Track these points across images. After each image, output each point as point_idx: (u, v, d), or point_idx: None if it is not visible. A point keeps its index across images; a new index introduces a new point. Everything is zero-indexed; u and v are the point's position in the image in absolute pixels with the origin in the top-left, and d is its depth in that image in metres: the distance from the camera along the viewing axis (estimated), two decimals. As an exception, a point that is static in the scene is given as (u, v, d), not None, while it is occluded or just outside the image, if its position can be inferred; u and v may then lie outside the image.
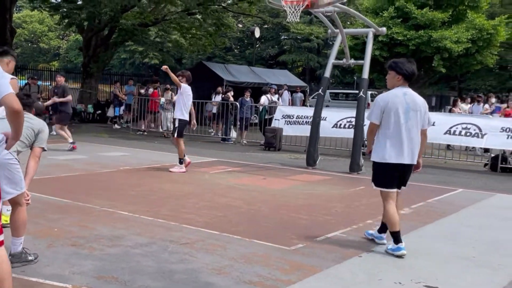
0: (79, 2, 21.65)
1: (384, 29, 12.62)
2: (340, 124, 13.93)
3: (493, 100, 18.01)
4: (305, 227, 6.37)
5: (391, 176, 5.38)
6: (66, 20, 22.33)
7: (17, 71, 23.67)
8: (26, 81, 19.46)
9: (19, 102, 3.08)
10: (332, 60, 12.25)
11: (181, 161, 10.27)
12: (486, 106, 17.46)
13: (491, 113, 16.32)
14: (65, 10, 21.50)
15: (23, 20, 58.90)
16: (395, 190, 5.42)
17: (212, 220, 6.44)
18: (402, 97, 5.34)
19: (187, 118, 10.37)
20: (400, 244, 5.29)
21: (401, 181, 5.48)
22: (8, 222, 4.63)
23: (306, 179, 10.17)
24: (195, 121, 10.98)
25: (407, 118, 5.27)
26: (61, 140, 14.35)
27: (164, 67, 10.15)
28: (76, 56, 52.41)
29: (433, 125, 12.89)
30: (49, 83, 22.32)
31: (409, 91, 5.42)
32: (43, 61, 57.04)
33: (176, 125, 10.29)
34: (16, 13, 56.24)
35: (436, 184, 10.20)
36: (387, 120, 5.30)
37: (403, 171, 5.41)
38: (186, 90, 10.29)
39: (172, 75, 10.10)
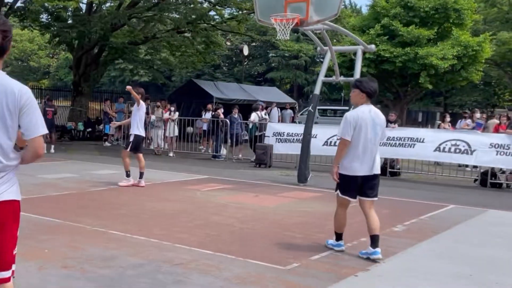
0: (69, 21, 21.61)
1: (373, 46, 12.70)
2: (331, 142, 13.89)
3: (478, 115, 18.14)
4: (300, 245, 6.30)
5: (354, 186, 5.95)
6: (57, 39, 22.27)
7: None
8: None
9: (43, 148, 2.99)
10: (321, 77, 12.29)
11: (128, 174, 10.44)
12: (468, 121, 17.54)
13: (472, 129, 16.42)
14: (55, 29, 21.44)
15: (14, 39, 58.65)
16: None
17: (205, 240, 6.35)
18: (368, 114, 5.74)
19: (143, 134, 10.79)
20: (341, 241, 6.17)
21: (361, 190, 6.00)
22: None
23: (298, 196, 10.11)
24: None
25: (374, 133, 5.73)
26: (55, 159, 14.23)
27: (128, 87, 10.47)
28: (66, 74, 52.24)
29: (423, 142, 12.99)
30: (39, 101, 22.15)
31: (373, 108, 5.83)
32: (33, 79, 56.74)
33: (131, 139, 10.51)
34: (7, 32, 56.05)
35: (427, 200, 10.16)
36: (357, 136, 5.69)
37: (366, 181, 5.94)
38: (143, 107, 10.62)
39: (134, 93, 10.36)
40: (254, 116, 16.98)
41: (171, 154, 17.28)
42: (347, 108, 14.58)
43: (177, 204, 8.70)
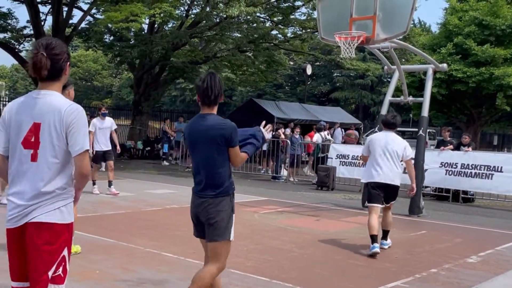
0: (132, 41, 22.10)
1: (445, 65, 12.03)
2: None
3: None
4: (363, 275, 5.90)
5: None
6: (118, 59, 22.83)
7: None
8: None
9: (88, 165, 3.03)
10: (389, 97, 11.79)
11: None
12: None
13: None
14: (117, 48, 21.99)
15: (78, 59, 61.25)
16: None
17: (261, 265, 6.03)
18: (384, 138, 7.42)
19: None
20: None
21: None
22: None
23: (362, 221, 9.57)
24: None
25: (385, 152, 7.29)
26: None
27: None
28: (128, 94, 53.84)
29: (501, 171, 12.07)
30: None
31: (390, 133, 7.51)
32: (96, 98, 58.85)
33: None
34: (72, 52, 58.67)
35: (504, 229, 9.46)
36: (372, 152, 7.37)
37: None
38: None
39: None
40: (317, 137, 16.54)
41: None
42: (415, 129, 13.85)
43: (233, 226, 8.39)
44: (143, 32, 22.01)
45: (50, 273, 2.91)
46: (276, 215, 9.75)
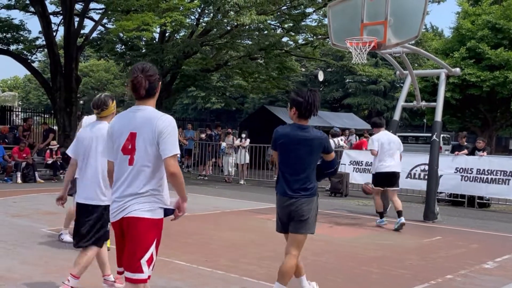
0: (143, 50, 22.22)
1: (458, 69, 11.91)
2: (414, 174, 13.05)
3: None
4: (377, 282, 5.82)
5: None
6: (130, 68, 22.95)
7: (83, 117, 24.39)
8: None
9: (175, 165, 3.43)
10: (401, 103, 11.70)
11: None
12: None
13: None
14: (128, 58, 22.12)
15: (90, 69, 61.73)
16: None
17: (274, 272, 5.90)
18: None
19: None
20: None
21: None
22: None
23: (376, 228, 9.51)
24: None
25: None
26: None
27: None
28: (140, 103, 54.12)
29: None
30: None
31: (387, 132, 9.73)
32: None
33: None
34: (84, 62, 59.12)
35: (522, 235, 9.28)
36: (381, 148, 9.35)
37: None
38: None
39: None
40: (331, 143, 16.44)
41: (242, 182, 17.08)
42: (429, 134, 13.72)
43: (246, 234, 8.37)
44: (154, 41, 22.13)
45: (142, 261, 3.43)
46: (289, 222, 9.67)
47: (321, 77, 27.64)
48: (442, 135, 22.00)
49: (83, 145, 4.82)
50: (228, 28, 20.50)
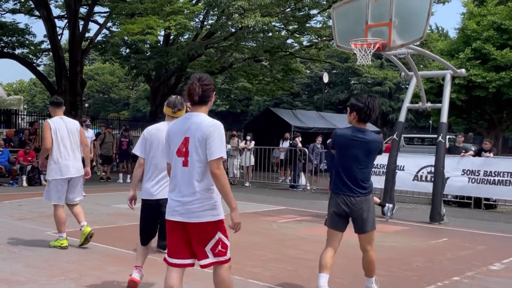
0: (147, 53, 22.25)
1: (463, 70, 11.86)
2: (421, 176, 12.97)
3: None
4: (383, 284, 5.76)
5: None
6: (134, 71, 23.00)
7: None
8: (97, 130, 19.85)
9: (219, 167, 3.75)
10: (406, 104, 11.65)
11: None
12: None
13: None
14: (133, 61, 22.15)
15: (95, 72, 61.87)
16: None
17: (280, 275, 5.95)
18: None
19: None
20: None
21: None
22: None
23: (382, 230, 9.42)
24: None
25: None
26: (127, 189, 14.39)
27: None
28: (144, 105, 54.08)
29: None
30: (118, 132, 22.92)
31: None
32: (113, 110, 59.27)
33: None
34: (89, 65, 59.24)
35: (529, 236, 9.21)
36: None
37: None
38: None
39: None
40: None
41: (247, 184, 17.06)
42: (435, 136, 13.64)
43: (251, 236, 8.33)
44: (159, 44, 22.16)
45: (207, 247, 3.90)
46: (295, 224, 9.65)
47: (326, 78, 27.58)
48: (448, 137, 21.89)
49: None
50: (233, 30, 20.49)
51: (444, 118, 10.86)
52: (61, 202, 6.95)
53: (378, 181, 12.64)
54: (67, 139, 6.89)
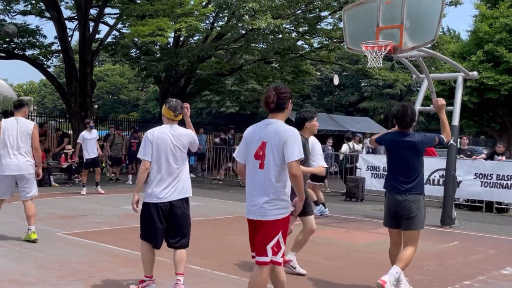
0: (157, 55, 22.28)
1: (475, 73, 11.76)
2: (433, 180, 12.86)
3: None
4: (394, 289, 5.68)
5: None
6: (144, 72, 23.03)
7: (98, 121, 24.52)
8: (107, 131, 19.91)
9: (297, 168, 4.04)
10: (418, 106, 11.57)
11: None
12: None
13: None
14: (143, 62, 22.18)
15: (105, 73, 62.09)
16: None
17: (289, 277, 5.86)
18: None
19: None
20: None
21: None
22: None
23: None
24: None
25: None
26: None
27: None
28: (154, 107, 54.06)
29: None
30: (127, 133, 23.00)
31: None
32: (123, 112, 59.36)
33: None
34: (99, 67, 59.44)
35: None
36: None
37: None
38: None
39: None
40: (345, 147, 16.33)
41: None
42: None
43: (261, 238, 8.30)
44: (168, 46, 22.18)
45: (269, 246, 4.17)
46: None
47: (336, 81, 27.51)
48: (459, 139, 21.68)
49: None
50: (243, 32, 20.46)
51: (455, 121, 10.77)
52: (5, 197, 7.46)
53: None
54: (16, 139, 7.25)
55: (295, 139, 4.09)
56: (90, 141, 13.12)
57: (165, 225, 5.26)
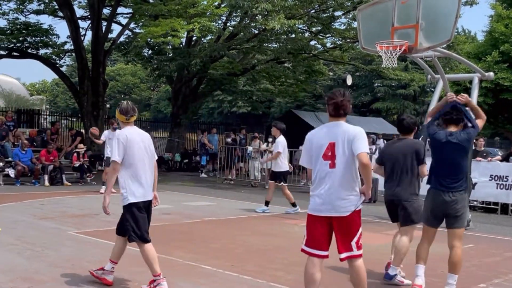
0: (170, 55, 22.29)
1: (491, 74, 11.60)
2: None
3: None
4: (407, 290, 5.63)
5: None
6: (157, 72, 23.06)
7: (110, 121, 24.59)
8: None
9: (367, 158, 4.35)
10: (432, 107, 11.43)
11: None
12: None
13: None
14: (155, 62, 22.21)
15: (117, 73, 62.29)
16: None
17: (302, 278, 5.81)
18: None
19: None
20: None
21: None
22: None
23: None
24: None
25: None
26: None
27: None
28: (165, 106, 54.10)
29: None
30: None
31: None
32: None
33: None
34: (111, 66, 59.66)
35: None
36: None
37: None
38: None
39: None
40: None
41: (268, 187, 16.91)
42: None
43: (273, 238, 8.25)
44: (181, 45, 22.18)
45: (352, 242, 4.48)
46: (316, 228, 9.52)
47: (349, 81, 27.35)
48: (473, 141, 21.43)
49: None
50: (256, 32, 20.40)
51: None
52: None
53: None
54: None
55: (362, 135, 4.42)
56: (110, 141, 13.27)
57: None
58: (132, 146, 5.22)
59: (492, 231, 9.99)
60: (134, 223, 5.30)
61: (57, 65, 22.84)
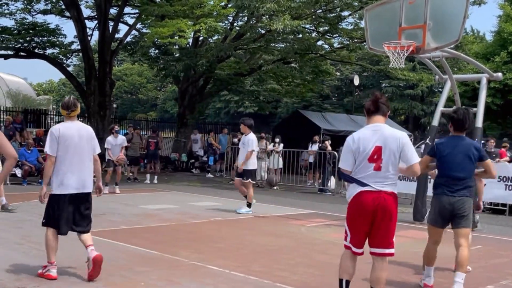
0: (176, 55, 22.30)
1: (500, 74, 11.53)
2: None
3: None
4: (417, 292, 5.59)
5: None
6: (163, 72, 23.08)
7: (116, 121, 24.66)
8: (126, 131, 19.97)
9: (419, 169, 4.69)
10: (440, 108, 11.38)
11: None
12: None
13: None
14: (162, 62, 22.23)
15: (124, 73, 62.43)
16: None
17: (309, 280, 5.85)
18: None
19: None
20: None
21: None
22: None
23: (413, 236, 9.23)
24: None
25: None
26: (157, 189, 14.46)
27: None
28: (172, 106, 54.13)
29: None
30: (145, 133, 22.98)
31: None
32: (141, 111, 59.62)
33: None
34: (117, 66, 59.82)
35: None
36: None
37: None
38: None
39: None
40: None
41: (274, 187, 16.91)
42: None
43: (279, 239, 8.22)
44: (187, 46, 22.19)
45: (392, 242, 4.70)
46: (323, 229, 9.51)
47: (356, 81, 27.28)
48: (482, 141, 21.31)
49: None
50: (262, 32, 20.37)
51: (479, 122, 10.56)
52: None
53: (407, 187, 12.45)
54: None
55: (410, 144, 4.61)
56: (114, 147, 13.71)
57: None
58: (65, 140, 5.42)
59: (500, 233, 9.93)
60: (52, 211, 5.53)
61: (64, 65, 22.92)
